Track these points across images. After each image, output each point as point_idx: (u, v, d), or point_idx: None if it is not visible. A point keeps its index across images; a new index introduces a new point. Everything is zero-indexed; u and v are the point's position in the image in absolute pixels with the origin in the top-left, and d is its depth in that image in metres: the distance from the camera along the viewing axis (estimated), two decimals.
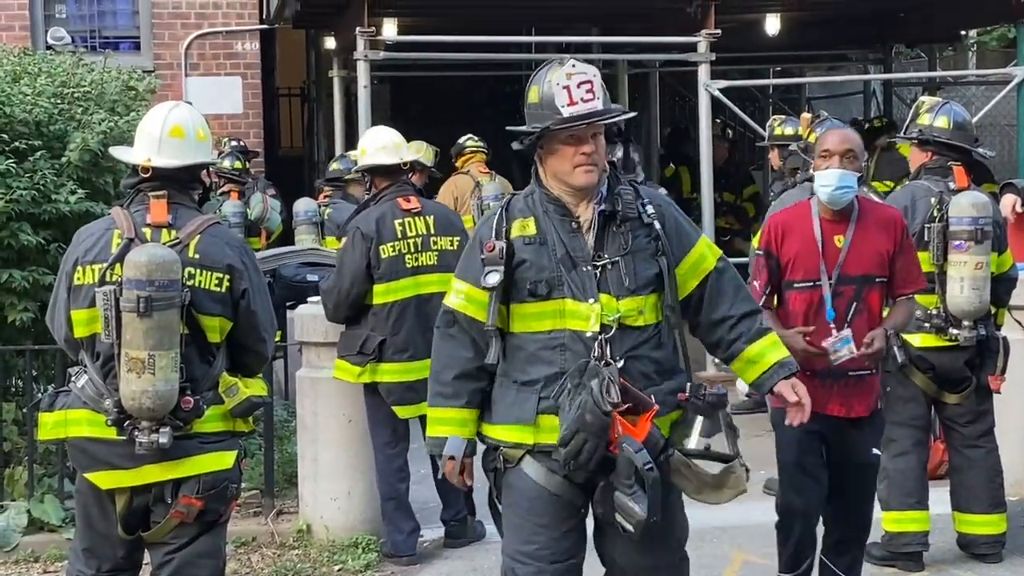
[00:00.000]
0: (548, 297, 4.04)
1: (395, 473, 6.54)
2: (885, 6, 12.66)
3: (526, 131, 4.08)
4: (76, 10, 12.55)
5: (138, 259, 4.19)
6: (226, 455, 4.40)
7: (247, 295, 4.42)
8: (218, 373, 4.42)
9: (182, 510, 4.33)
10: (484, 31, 10.86)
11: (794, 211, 5.42)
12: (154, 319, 4.16)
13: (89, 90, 7.52)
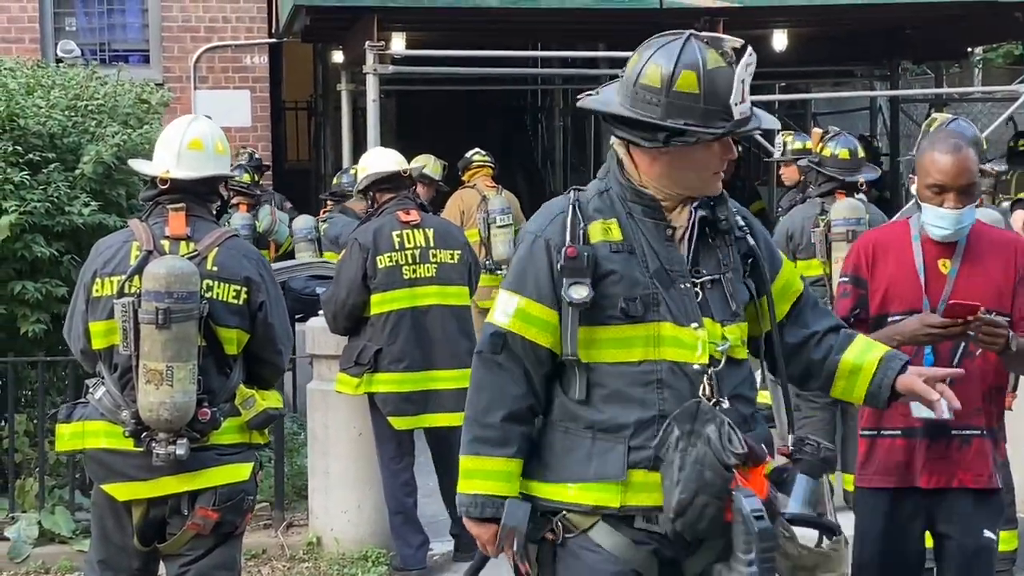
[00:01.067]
0: (642, 319, 3.22)
1: (401, 488, 6.54)
2: (892, 23, 12.69)
3: (700, 131, 3.17)
4: (86, 23, 12.59)
5: (157, 271, 4.21)
6: (242, 467, 4.41)
7: (264, 307, 4.44)
8: (235, 385, 4.43)
9: (198, 522, 4.33)
10: (491, 46, 10.90)
11: (889, 231, 4.47)
12: (172, 331, 4.18)
13: (103, 103, 7.53)
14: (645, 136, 3.21)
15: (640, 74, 3.21)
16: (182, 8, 12.56)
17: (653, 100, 3.18)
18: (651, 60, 3.21)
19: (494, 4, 10.37)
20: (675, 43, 3.20)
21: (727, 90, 3.17)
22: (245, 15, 12.68)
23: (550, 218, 3.32)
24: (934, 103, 16.04)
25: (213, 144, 4.56)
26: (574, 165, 17.24)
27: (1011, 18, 11.05)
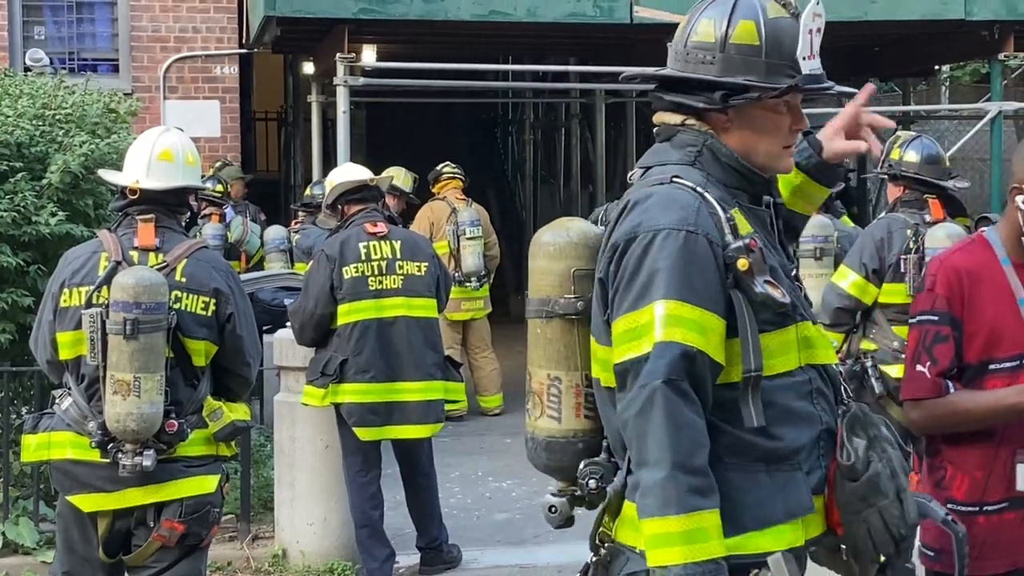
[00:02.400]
0: (792, 319, 2.76)
1: (368, 501, 6.52)
2: (860, 41, 12.77)
3: (763, 86, 2.74)
4: (55, 32, 12.54)
5: (125, 282, 4.20)
6: (209, 479, 4.40)
7: (233, 319, 4.43)
8: (203, 397, 4.43)
9: (164, 534, 4.32)
10: (463, 59, 10.92)
11: (970, 253, 3.49)
12: (140, 342, 4.17)
13: (71, 112, 7.50)
14: (700, 99, 2.79)
15: (691, 31, 2.81)
16: (152, 18, 12.53)
17: (707, 58, 2.77)
18: (702, 15, 2.82)
19: (466, 17, 10.38)
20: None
21: (792, 41, 2.79)
22: (215, 25, 12.65)
23: (690, 209, 2.68)
24: (901, 120, 16.12)
25: (183, 156, 4.57)
26: (544, 177, 17.27)
27: (978, 37, 11.14)
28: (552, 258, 2.88)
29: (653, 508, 2.59)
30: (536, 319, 2.90)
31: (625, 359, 2.66)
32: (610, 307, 2.74)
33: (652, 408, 2.60)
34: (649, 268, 2.66)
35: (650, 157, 2.90)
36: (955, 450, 3.39)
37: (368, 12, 10.16)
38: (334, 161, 10.65)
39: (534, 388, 2.90)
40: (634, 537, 2.70)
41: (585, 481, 2.80)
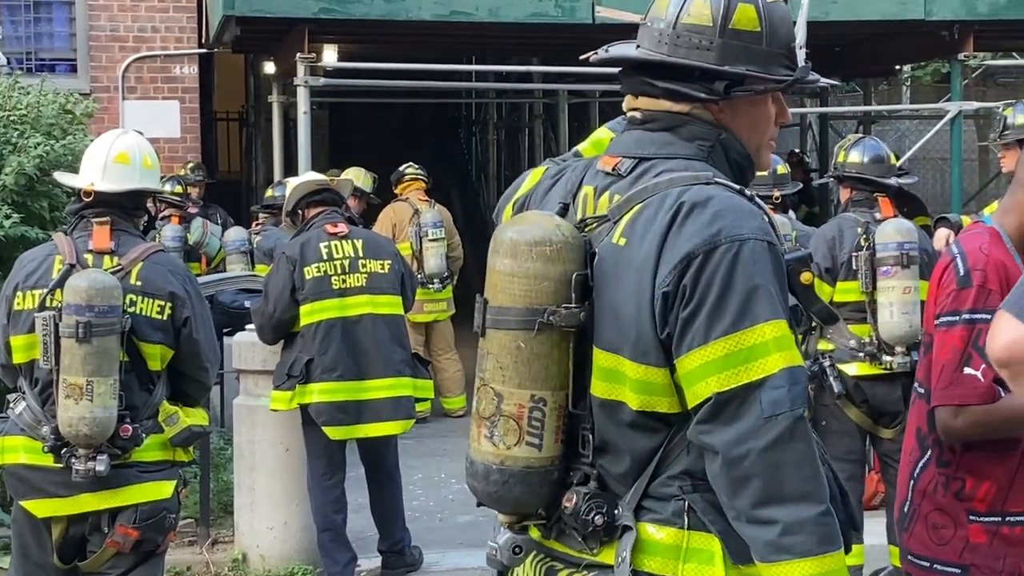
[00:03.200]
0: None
1: (331, 504, 6.50)
2: (821, 41, 12.82)
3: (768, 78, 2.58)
4: (12, 31, 12.44)
5: (78, 284, 4.17)
6: (164, 484, 4.36)
7: (189, 323, 4.40)
8: (158, 401, 4.39)
9: (118, 540, 4.28)
10: (425, 59, 10.91)
11: (1000, 248, 3.24)
12: (93, 345, 4.13)
13: (25, 113, 7.45)
14: (696, 88, 2.56)
15: (683, 11, 2.57)
16: (110, 17, 12.45)
17: (704, 43, 2.55)
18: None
19: (427, 17, 10.34)
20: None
21: (789, 29, 2.62)
22: (175, 24, 12.58)
23: (760, 216, 2.50)
24: (863, 120, 16.22)
25: (141, 158, 4.52)
26: (508, 178, 17.25)
27: (938, 37, 11.19)
28: (549, 260, 2.48)
29: (810, 545, 2.38)
30: (518, 331, 2.50)
31: (732, 387, 2.39)
32: (678, 325, 2.43)
33: (792, 440, 2.39)
34: (745, 283, 2.40)
35: (648, 147, 2.61)
36: (974, 459, 3.15)
37: (328, 12, 10.11)
38: (296, 162, 10.61)
39: (508, 412, 2.51)
40: (664, 565, 2.49)
41: (590, 517, 2.50)
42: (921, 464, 3.22)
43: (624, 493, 2.53)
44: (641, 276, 2.46)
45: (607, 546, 2.54)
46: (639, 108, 2.65)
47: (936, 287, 3.23)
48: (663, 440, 2.51)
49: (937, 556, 3.18)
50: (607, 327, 2.50)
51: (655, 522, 2.50)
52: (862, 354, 6.16)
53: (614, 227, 2.53)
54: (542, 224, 2.54)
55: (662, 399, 2.48)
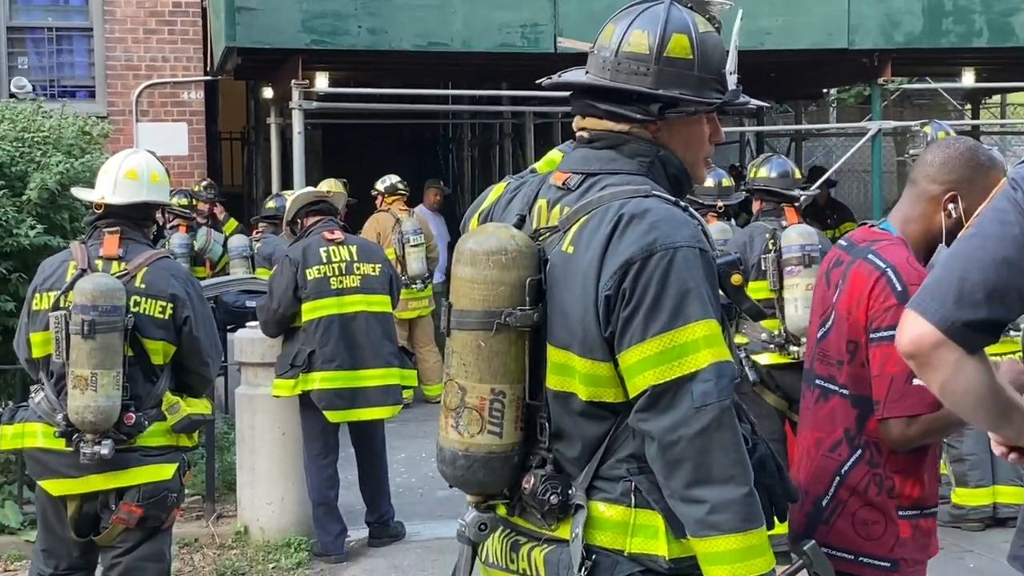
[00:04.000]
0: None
1: (325, 481, 6.51)
2: (757, 68, 12.86)
3: (698, 100, 2.56)
4: (37, 61, 12.36)
5: (84, 287, 4.18)
6: (166, 467, 4.35)
7: (189, 322, 4.38)
8: (161, 392, 4.37)
9: (123, 516, 4.28)
10: (407, 84, 10.88)
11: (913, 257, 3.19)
12: (97, 341, 4.13)
13: (48, 135, 7.43)
14: (635, 109, 2.55)
15: (623, 42, 2.55)
16: (125, 48, 12.38)
17: (641, 70, 2.53)
18: (634, 26, 2.56)
19: (408, 48, 10.33)
20: (658, 7, 2.57)
21: (720, 56, 2.60)
22: (183, 55, 12.52)
23: (693, 225, 2.49)
24: (794, 137, 16.28)
25: (148, 174, 4.51)
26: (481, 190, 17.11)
27: (860, 63, 11.24)
28: (505, 268, 2.47)
29: (735, 523, 2.38)
30: (479, 331, 2.49)
31: (666, 380, 2.38)
32: (619, 325, 2.42)
33: (720, 428, 2.39)
34: (679, 286, 2.39)
35: (594, 163, 2.58)
36: (901, 459, 3.06)
37: (320, 43, 10.10)
38: (292, 177, 10.58)
39: (471, 404, 2.51)
40: (613, 539, 2.49)
41: (546, 496, 2.50)
42: (851, 463, 3.08)
43: (577, 475, 2.52)
44: (586, 281, 2.45)
45: (563, 523, 2.53)
46: (586, 128, 2.64)
47: (867, 299, 3.03)
48: (610, 427, 2.50)
49: (863, 550, 3.06)
50: (558, 326, 2.49)
51: (605, 501, 2.50)
52: (772, 345, 6.21)
53: (564, 236, 2.52)
54: (498, 235, 2.52)
55: (608, 390, 2.47)
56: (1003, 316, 2.19)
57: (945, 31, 10.91)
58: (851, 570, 3.05)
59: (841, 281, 3.13)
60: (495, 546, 2.67)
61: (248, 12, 9.86)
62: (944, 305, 2.18)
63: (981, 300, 2.17)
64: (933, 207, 3.12)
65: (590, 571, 2.47)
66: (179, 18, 12.47)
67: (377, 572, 6.35)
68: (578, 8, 10.32)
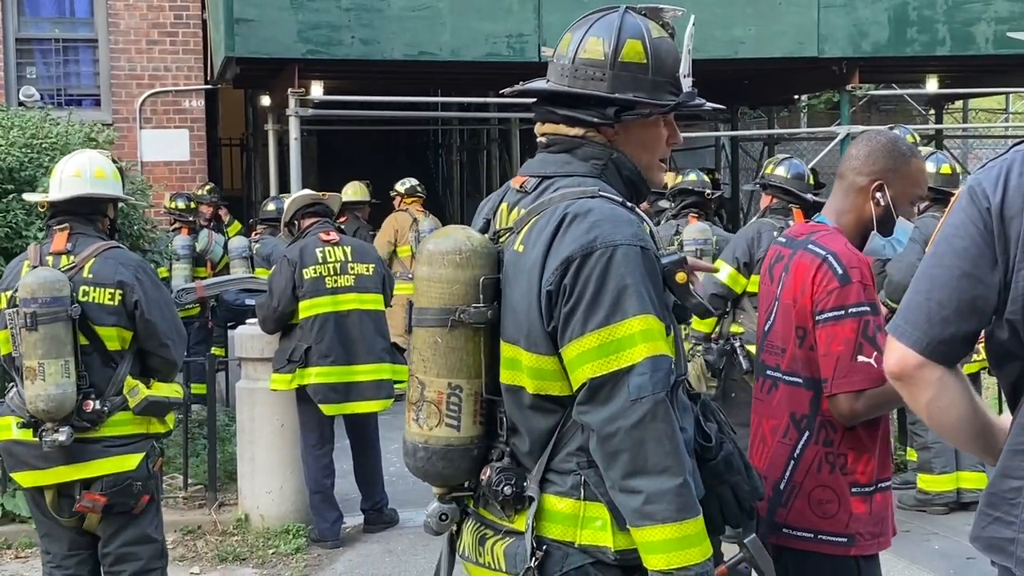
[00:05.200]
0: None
1: (322, 471, 6.52)
2: (732, 75, 12.88)
3: (652, 103, 2.54)
4: (45, 71, 12.32)
5: (25, 281, 4.15)
6: (130, 457, 4.26)
7: (140, 305, 4.28)
8: (122, 378, 4.28)
9: (87, 504, 4.22)
10: (398, 92, 10.87)
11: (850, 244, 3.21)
12: (40, 332, 4.08)
13: (55, 141, 7.42)
14: (592, 113, 2.53)
15: (580, 49, 2.54)
16: (128, 59, 12.34)
17: (597, 75, 2.52)
18: (590, 34, 2.54)
19: (399, 57, 10.33)
20: (613, 15, 2.56)
21: (675, 60, 2.58)
22: (184, 64, 12.49)
23: (636, 224, 2.46)
24: (767, 142, 16.32)
25: (92, 171, 4.44)
26: (469, 192, 17.26)
27: (830, 71, 11.28)
28: (459, 267, 2.47)
29: (669, 513, 2.35)
30: (436, 328, 2.48)
31: (604, 373, 2.36)
32: (562, 320, 2.40)
33: (655, 420, 2.35)
34: (617, 282, 2.36)
35: (550, 167, 2.57)
36: (853, 436, 3.06)
37: (315, 53, 10.09)
38: (289, 181, 10.58)
39: (430, 398, 2.50)
40: (564, 531, 2.46)
41: (500, 488, 2.47)
42: (802, 444, 3.08)
43: (532, 467, 2.50)
44: (531, 277, 2.44)
45: (520, 514, 2.51)
46: (545, 133, 2.63)
47: (811, 285, 3.05)
48: (559, 421, 2.48)
49: (821, 528, 3.06)
50: (508, 322, 2.48)
51: (557, 494, 2.47)
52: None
53: (516, 236, 2.52)
54: (455, 236, 2.53)
55: (554, 383, 2.45)
56: (975, 327, 2.22)
57: (910, 40, 10.96)
58: (811, 547, 3.07)
59: (784, 274, 3.17)
60: (467, 540, 2.65)
61: (246, 24, 9.86)
62: (918, 327, 2.22)
63: (951, 316, 2.20)
64: (862, 197, 3.18)
65: (541, 562, 2.44)
66: (180, 29, 12.43)
67: (372, 557, 6.35)
68: (561, 19, 10.33)
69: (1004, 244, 2.16)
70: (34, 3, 12.40)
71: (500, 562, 2.52)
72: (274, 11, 9.96)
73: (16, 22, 12.16)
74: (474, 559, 2.61)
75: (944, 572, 5.71)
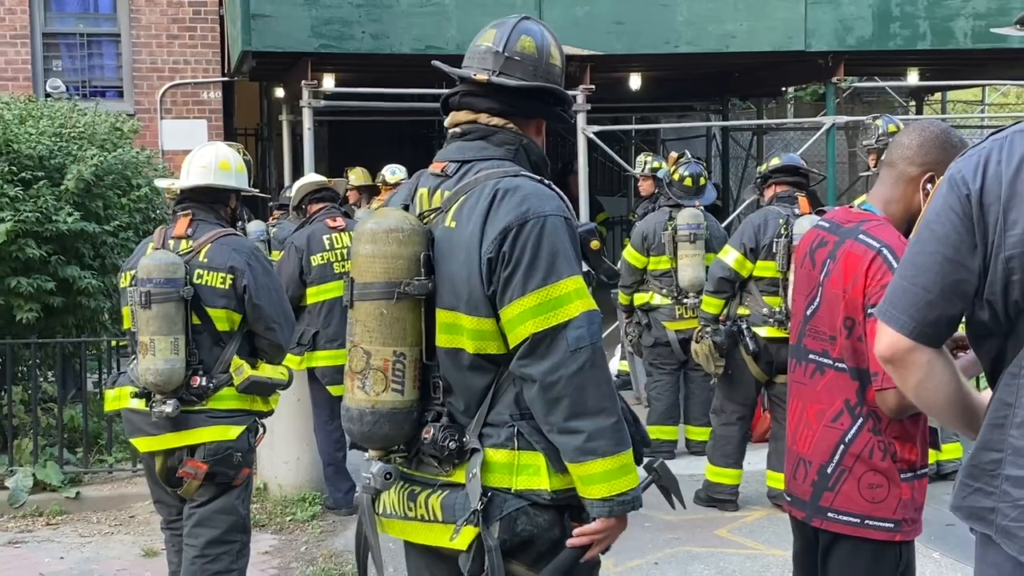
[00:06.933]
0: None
1: (334, 444, 6.54)
2: (723, 68, 12.89)
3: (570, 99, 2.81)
4: (70, 64, 12.31)
5: (144, 263, 4.21)
6: (232, 428, 4.26)
7: (248, 290, 4.31)
8: (229, 357, 4.30)
9: (189, 471, 4.25)
10: (405, 84, 10.86)
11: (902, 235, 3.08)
12: (153, 310, 4.13)
13: (83, 131, 7.43)
14: (513, 100, 2.71)
15: (514, 42, 2.71)
16: (150, 52, 12.33)
17: (530, 70, 2.71)
18: (517, 30, 2.72)
19: (407, 51, 10.34)
20: (529, 21, 2.76)
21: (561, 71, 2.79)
22: (202, 58, 12.48)
23: (557, 199, 2.62)
24: (756, 132, 16.32)
25: (217, 163, 4.48)
26: None
27: (816, 64, 11.28)
28: (402, 244, 2.57)
29: (609, 447, 2.51)
30: (380, 301, 2.58)
31: (544, 328, 2.49)
32: (500, 284, 2.53)
33: (594, 367, 2.51)
34: (550, 248, 2.52)
35: (468, 152, 2.70)
36: (899, 425, 3.01)
37: (327, 47, 10.10)
38: (302, 169, 10.58)
39: (376, 365, 2.59)
40: (501, 479, 2.57)
41: (445, 443, 2.57)
42: (854, 431, 3.02)
43: (469, 424, 2.61)
44: (470, 248, 2.56)
45: (458, 468, 2.61)
46: (460, 123, 2.76)
47: (864, 277, 2.97)
48: (494, 378, 2.60)
49: (870, 513, 3.00)
50: (445, 291, 2.59)
51: (493, 446, 2.58)
52: (772, 320, 6.23)
53: (445, 215, 2.63)
54: (395, 216, 2.63)
55: (491, 343, 2.57)
56: (959, 309, 2.23)
57: (892, 35, 10.95)
58: (856, 533, 3.01)
59: (829, 260, 3.08)
60: (392, 499, 2.73)
61: (262, 19, 9.86)
62: (905, 312, 2.23)
63: (936, 300, 2.21)
64: (912, 188, 3.06)
65: (484, 507, 2.55)
66: (199, 24, 12.42)
67: None
68: (561, 15, 10.34)
69: (983, 229, 2.17)
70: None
71: (436, 513, 2.62)
72: (288, 7, 9.96)
73: (43, 17, 12.14)
74: (401, 515, 2.70)
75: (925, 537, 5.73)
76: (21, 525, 6.41)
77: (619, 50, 10.64)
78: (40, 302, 6.88)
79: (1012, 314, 2.18)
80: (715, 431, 6.58)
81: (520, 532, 2.56)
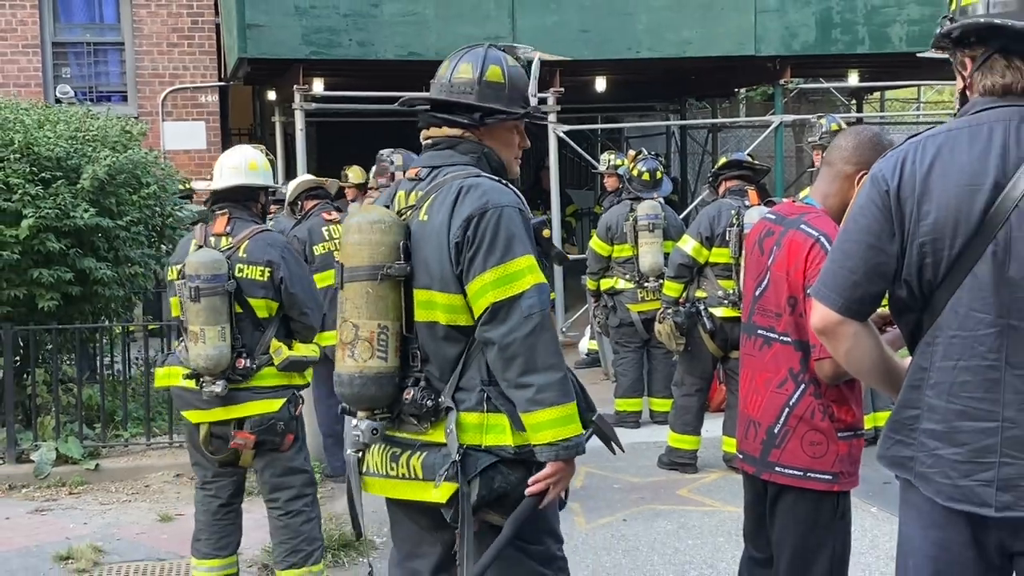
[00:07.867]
0: None
1: (333, 418, 6.61)
2: (680, 71, 13.01)
3: (508, 111, 3.00)
4: (78, 71, 12.33)
5: (191, 260, 4.33)
6: (274, 402, 4.41)
7: (284, 281, 4.45)
8: (268, 340, 4.44)
9: (239, 441, 4.40)
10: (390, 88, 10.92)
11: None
12: (201, 303, 4.26)
13: (96, 134, 7.47)
14: (465, 118, 2.97)
15: (454, 72, 2.99)
16: (152, 59, 12.37)
17: (467, 89, 2.97)
18: (462, 61, 3.00)
19: (391, 57, 10.42)
20: (479, 49, 3.03)
21: (525, 83, 3.05)
22: (200, 64, 12.52)
23: (512, 194, 2.89)
24: (711, 129, 16.46)
25: (246, 164, 4.59)
26: None
27: (765, 67, 11.41)
28: (384, 233, 2.84)
29: (555, 398, 2.76)
30: (367, 282, 2.83)
31: (502, 298, 2.75)
32: (466, 263, 2.78)
33: (542, 330, 2.76)
34: (506, 232, 2.78)
35: (438, 160, 2.98)
36: (837, 390, 3.15)
37: (317, 53, 10.17)
38: (295, 166, 10.66)
39: (363, 336, 2.83)
40: (472, 437, 2.80)
41: (423, 402, 2.81)
42: (797, 396, 3.15)
43: (443, 387, 2.86)
44: (440, 236, 2.83)
45: (435, 427, 2.85)
46: (431, 136, 3.04)
47: (804, 261, 3.11)
48: (464, 347, 2.85)
49: (811, 467, 3.13)
50: (421, 273, 2.86)
51: (466, 409, 2.83)
52: (726, 301, 6.38)
53: (419, 211, 2.91)
54: (377, 211, 2.92)
55: (461, 316, 2.83)
56: (881, 288, 2.39)
57: (834, 40, 11.11)
58: (799, 484, 3.16)
59: (776, 248, 3.23)
60: (375, 459, 2.95)
61: (256, 28, 9.92)
62: (835, 290, 2.40)
63: (860, 280, 2.37)
64: (848, 184, 3.20)
65: (462, 462, 2.78)
66: (197, 33, 12.46)
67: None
68: (532, 24, 10.45)
69: (900, 220, 2.32)
70: (68, 11, 12.39)
71: (417, 472, 2.85)
72: (281, 17, 10.02)
73: (52, 28, 12.16)
74: (383, 473, 2.93)
75: (864, 493, 5.94)
76: (47, 494, 6.50)
77: (586, 56, 10.74)
78: (59, 291, 6.94)
79: (926, 292, 2.35)
80: (676, 402, 6.74)
81: (496, 488, 2.79)
